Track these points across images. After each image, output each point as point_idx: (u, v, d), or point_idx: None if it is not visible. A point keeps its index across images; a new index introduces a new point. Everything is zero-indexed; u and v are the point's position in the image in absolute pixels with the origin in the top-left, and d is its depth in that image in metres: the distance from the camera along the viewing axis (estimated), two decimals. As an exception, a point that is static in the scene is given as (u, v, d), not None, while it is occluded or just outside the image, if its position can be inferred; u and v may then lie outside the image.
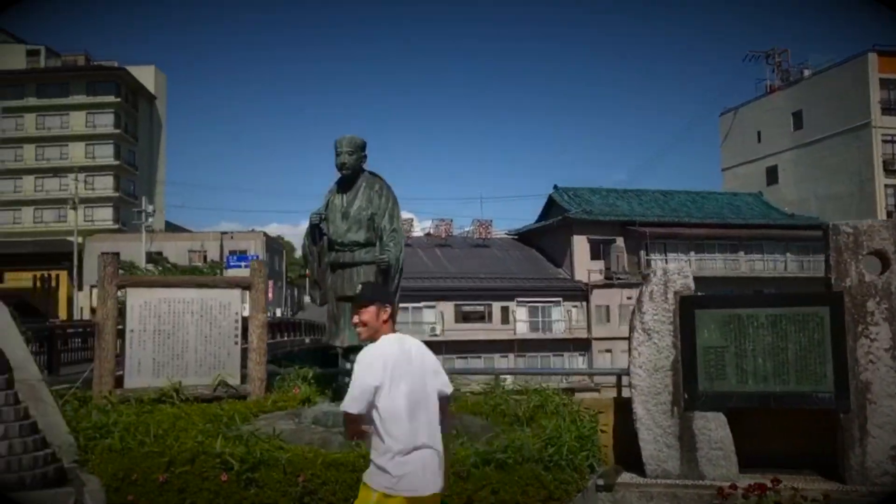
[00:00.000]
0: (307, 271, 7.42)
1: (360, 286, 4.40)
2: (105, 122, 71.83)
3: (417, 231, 53.09)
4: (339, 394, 7.50)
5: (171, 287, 7.90)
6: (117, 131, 71.97)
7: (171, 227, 72.81)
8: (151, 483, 5.71)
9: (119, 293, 7.78)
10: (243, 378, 8.11)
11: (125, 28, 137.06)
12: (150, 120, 78.81)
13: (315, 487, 5.52)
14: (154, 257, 55.09)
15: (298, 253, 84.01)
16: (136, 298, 7.69)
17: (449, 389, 4.09)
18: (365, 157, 7.27)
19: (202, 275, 44.51)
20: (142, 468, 5.80)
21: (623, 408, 7.08)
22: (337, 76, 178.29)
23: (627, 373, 6.74)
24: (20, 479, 6.09)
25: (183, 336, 7.84)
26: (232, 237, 62.98)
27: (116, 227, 69.85)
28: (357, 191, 7.25)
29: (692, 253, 46.40)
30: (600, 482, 6.22)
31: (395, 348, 3.89)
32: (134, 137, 75.38)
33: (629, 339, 6.66)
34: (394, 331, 4.03)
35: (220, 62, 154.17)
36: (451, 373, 9.15)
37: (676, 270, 6.70)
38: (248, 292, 8.17)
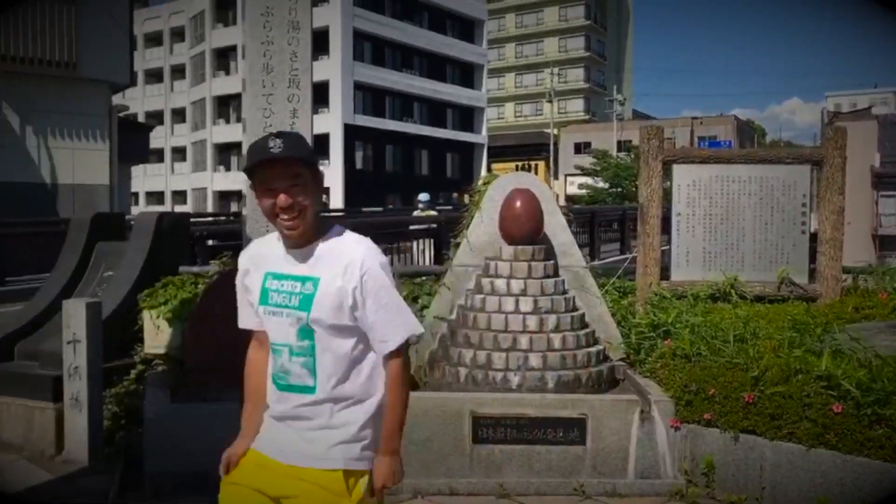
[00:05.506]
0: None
1: (275, 140, 2.14)
2: (576, 15, 73.61)
3: None
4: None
5: (724, 163, 6.57)
6: (588, 23, 73.36)
7: (639, 116, 72.54)
8: (734, 402, 4.59)
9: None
10: (811, 275, 6.53)
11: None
12: (618, 9, 78.53)
13: None
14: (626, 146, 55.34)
15: (771, 137, 78.43)
16: (684, 177, 6.54)
17: None
18: None
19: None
20: (720, 382, 4.70)
21: None
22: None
23: None
24: (576, 378, 5.54)
25: (738, 222, 6.52)
26: (701, 122, 60.44)
27: (587, 117, 72.14)
28: None
29: None
30: None
31: None
32: (603, 28, 76.07)
33: None
34: None
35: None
36: None
37: None
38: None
